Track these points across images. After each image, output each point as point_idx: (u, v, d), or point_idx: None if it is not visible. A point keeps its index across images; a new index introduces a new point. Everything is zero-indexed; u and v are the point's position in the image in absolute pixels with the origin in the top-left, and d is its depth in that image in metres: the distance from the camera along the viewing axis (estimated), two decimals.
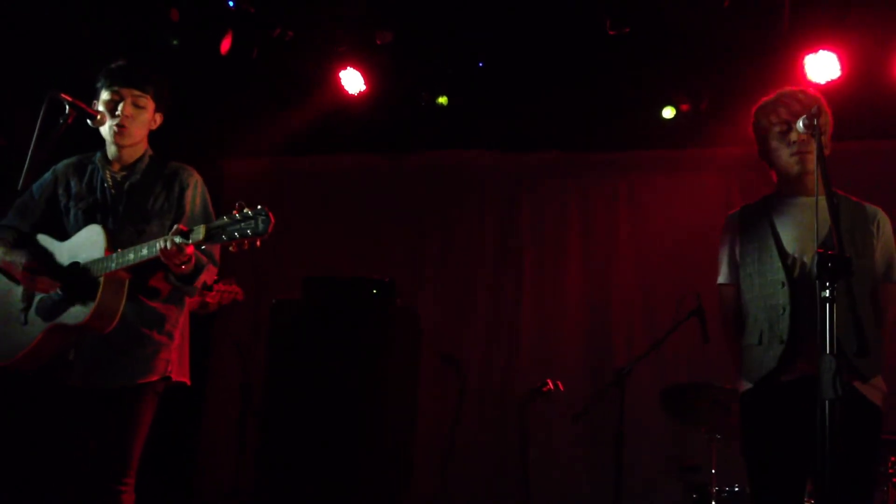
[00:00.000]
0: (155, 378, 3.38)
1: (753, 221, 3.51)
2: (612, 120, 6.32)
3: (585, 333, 6.66)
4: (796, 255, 3.34)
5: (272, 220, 2.93)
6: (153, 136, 3.64)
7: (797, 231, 3.38)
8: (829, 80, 5.42)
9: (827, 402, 2.64)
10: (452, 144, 6.88)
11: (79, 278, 3.29)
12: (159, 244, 3.11)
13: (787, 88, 3.50)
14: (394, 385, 5.85)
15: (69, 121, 3.26)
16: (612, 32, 5.54)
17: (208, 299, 5.14)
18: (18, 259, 3.37)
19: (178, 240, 3.06)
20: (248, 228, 2.95)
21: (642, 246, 6.64)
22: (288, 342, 5.85)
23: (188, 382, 3.55)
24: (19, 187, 3.23)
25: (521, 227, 6.96)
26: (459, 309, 6.94)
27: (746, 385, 3.44)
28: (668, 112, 6.12)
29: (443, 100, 6.34)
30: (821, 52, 5.40)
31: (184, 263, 3.16)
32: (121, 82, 3.46)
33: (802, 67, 5.49)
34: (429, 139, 6.79)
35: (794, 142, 3.36)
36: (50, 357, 3.35)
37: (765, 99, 3.51)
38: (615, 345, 6.56)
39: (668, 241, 6.46)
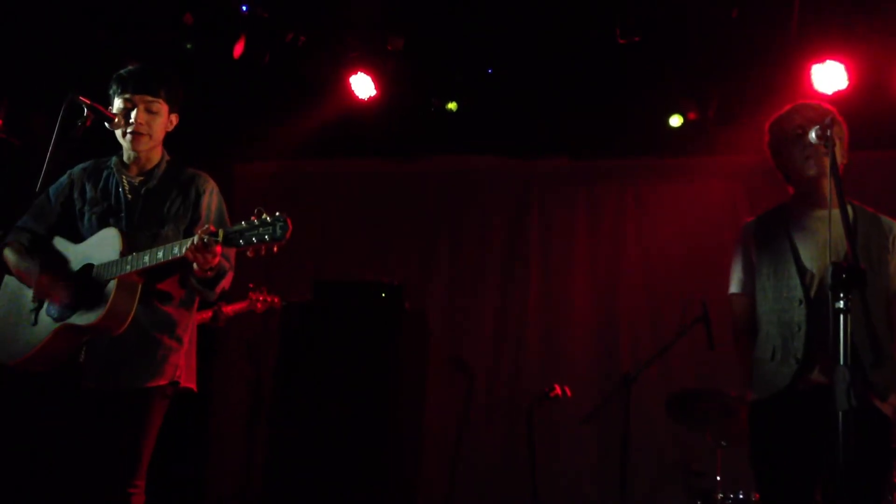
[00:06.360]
0: (164, 382, 3.38)
1: (770, 233, 3.47)
2: (620, 127, 6.31)
3: (592, 338, 6.66)
4: (815, 273, 3.31)
5: (290, 226, 2.93)
6: (165, 140, 3.61)
7: (816, 248, 3.34)
8: (837, 90, 5.40)
9: (840, 412, 2.63)
10: (462, 150, 6.87)
11: (92, 280, 3.27)
12: (181, 246, 3.10)
13: (802, 101, 3.50)
14: (402, 387, 5.86)
15: (87, 123, 3.25)
16: (622, 41, 5.53)
17: (225, 308, 5.17)
18: (33, 269, 3.36)
19: (206, 238, 3.04)
20: (265, 234, 2.94)
21: (649, 253, 6.64)
22: (297, 345, 5.88)
23: (195, 388, 3.55)
24: (37, 189, 3.23)
25: (529, 231, 6.96)
26: (467, 313, 6.94)
27: (757, 396, 3.42)
28: (676, 120, 6.12)
29: (452, 105, 6.33)
30: (828, 62, 5.38)
31: (211, 266, 3.14)
32: (132, 89, 3.43)
33: (810, 77, 5.47)
34: (438, 144, 6.79)
35: (808, 145, 3.28)
36: (60, 358, 3.33)
37: (779, 112, 3.50)
38: (622, 350, 6.56)
39: (675, 249, 6.45)
